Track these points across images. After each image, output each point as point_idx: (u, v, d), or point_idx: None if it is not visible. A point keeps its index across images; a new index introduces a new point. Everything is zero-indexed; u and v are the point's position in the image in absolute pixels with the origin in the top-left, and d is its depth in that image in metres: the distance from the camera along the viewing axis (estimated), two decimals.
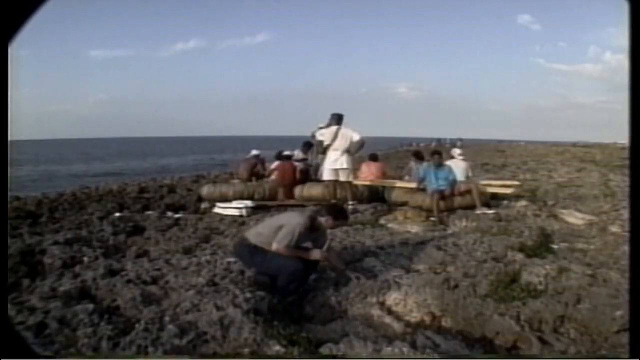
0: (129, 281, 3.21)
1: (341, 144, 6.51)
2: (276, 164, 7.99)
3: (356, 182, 7.56)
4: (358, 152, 6.68)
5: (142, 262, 3.81)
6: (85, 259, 3.97)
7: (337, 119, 6.64)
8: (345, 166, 6.56)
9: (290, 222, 3.05)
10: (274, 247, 3.01)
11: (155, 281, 3.27)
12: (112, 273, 3.47)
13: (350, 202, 6.60)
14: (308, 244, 3.16)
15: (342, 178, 6.69)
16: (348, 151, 6.54)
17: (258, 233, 3.17)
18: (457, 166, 6.92)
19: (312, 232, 3.14)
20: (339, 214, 3.19)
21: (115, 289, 3.07)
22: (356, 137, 6.49)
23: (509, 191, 7.38)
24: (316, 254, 3.11)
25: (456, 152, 7.67)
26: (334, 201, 6.68)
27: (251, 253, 3.13)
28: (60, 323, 2.45)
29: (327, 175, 6.77)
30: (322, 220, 3.16)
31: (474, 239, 4.48)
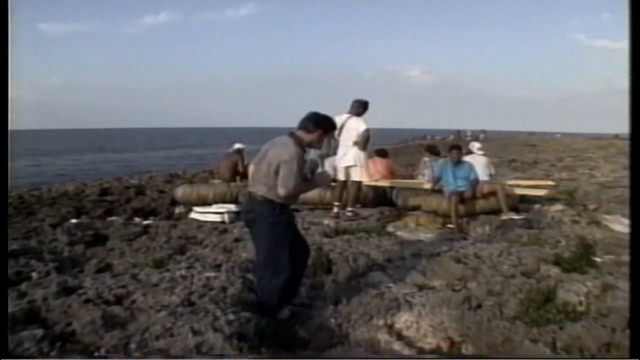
0: (88, 300, 3.19)
1: (348, 135, 6.45)
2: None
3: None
4: (366, 147, 6.55)
5: (104, 278, 3.79)
6: (34, 275, 3.94)
7: (360, 107, 6.50)
8: (351, 162, 6.46)
9: (282, 158, 2.98)
10: (281, 192, 2.98)
11: (119, 300, 3.25)
12: (66, 291, 3.45)
13: (350, 208, 6.57)
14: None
15: (347, 176, 6.58)
16: (357, 144, 6.45)
17: (260, 184, 3.09)
18: (477, 162, 6.94)
19: (302, 154, 3.10)
20: (323, 121, 3.13)
21: (70, 311, 3.04)
22: (362, 127, 6.41)
23: (541, 192, 7.41)
24: (325, 178, 3.20)
25: (475, 145, 7.68)
26: (337, 203, 6.64)
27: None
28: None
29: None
30: (310, 136, 3.09)
31: (500, 250, 4.49)
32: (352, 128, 6.38)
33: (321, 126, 3.09)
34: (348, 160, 6.44)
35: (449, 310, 3.07)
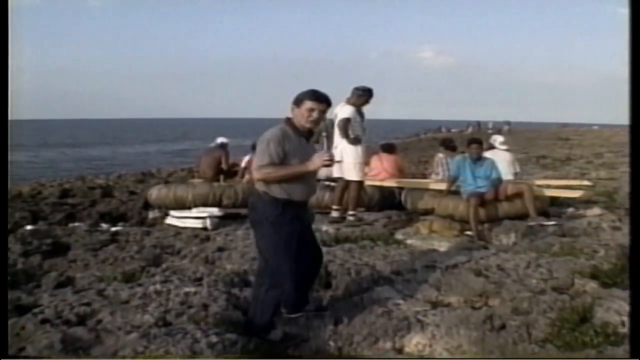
0: (45, 321, 3.19)
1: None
2: (248, 158, 7.99)
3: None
4: (346, 138, 6.49)
5: (65, 294, 3.79)
6: None
7: (364, 96, 6.53)
8: (348, 158, 6.49)
9: (261, 139, 3.10)
10: (255, 175, 3.11)
11: (82, 320, 3.25)
12: (19, 310, 3.45)
13: (351, 212, 6.58)
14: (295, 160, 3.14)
15: (345, 174, 6.62)
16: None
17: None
18: (500, 159, 6.97)
19: (296, 139, 3.13)
20: (307, 91, 3.14)
21: (24, 333, 3.04)
22: (340, 115, 6.50)
23: (575, 194, 7.42)
24: (316, 161, 3.09)
25: (497, 139, 7.69)
26: (336, 207, 6.65)
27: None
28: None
29: (324, 171, 6.75)
30: (297, 113, 3.12)
31: (527, 261, 4.49)
32: (337, 117, 6.50)
33: (303, 96, 3.11)
34: (336, 156, 6.51)
35: (467, 332, 3.07)
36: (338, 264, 4.46)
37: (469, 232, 6.10)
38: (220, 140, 9.12)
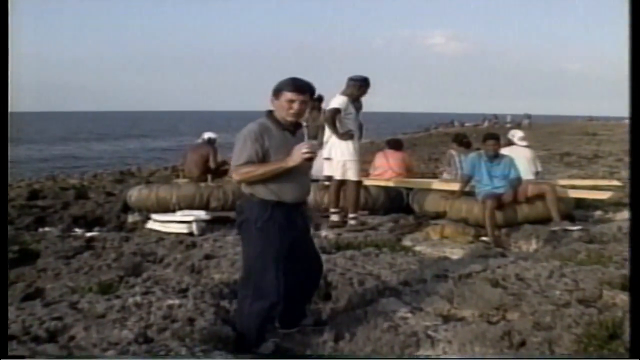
0: (11, 337, 3.17)
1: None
2: None
3: (367, 182, 7.55)
4: (335, 133, 6.48)
5: (33, 307, 3.77)
6: None
7: (362, 87, 6.55)
8: (339, 155, 6.49)
9: (238, 136, 3.14)
10: (234, 177, 3.19)
11: (53, 336, 3.24)
12: None
13: (352, 215, 6.57)
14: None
15: (337, 173, 6.62)
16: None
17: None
18: (519, 156, 6.97)
19: (280, 134, 3.13)
20: (285, 81, 3.12)
21: None
22: (331, 104, 6.51)
23: (603, 196, 7.43)
24: (295, 156, 3.03)
25: (516, 134, 7.69)
26: (333, 209, 6.65)
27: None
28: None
29: (320, 169, 6.75)
30: (277, 104, 3.12)
31: (550, 270, 4.50)
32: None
33: (281, 86, 3.10)
34: (326, 152, 6.58)
35: (483, 349, 3.07)
36: (339, 273, 4.47)
37: (484, 238, 6.11)
38: (207, 135, 9.10)
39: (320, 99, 7.51)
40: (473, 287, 4.12)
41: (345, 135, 6.45)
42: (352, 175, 6.57)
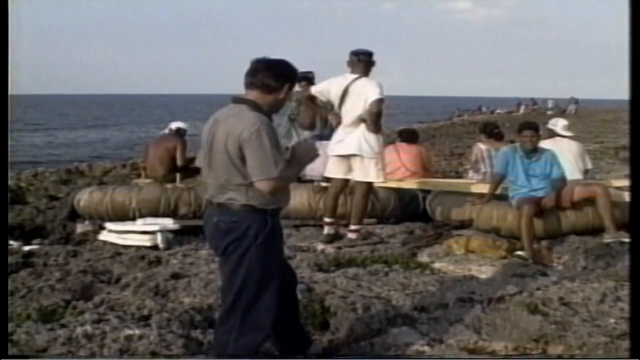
0: None
1: (353, 107, 6.37)
2: None
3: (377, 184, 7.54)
4: (377, 128, 6.46)
5: None
6: None
7: (366, 62, 6.44)
8: (353, 150, 6.40)
9: (242, 136, 2.98)
10: (264, 187, 2.99)
11: None
12: None
13: (354, 227, 6.51)
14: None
15: (347, 173, 6.56)
16: (364, 122, 6.38)
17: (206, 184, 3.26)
18: (563, 151, 6.96)
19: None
20: (285, 68, 3.18)
21: None
22: (372, 96, 6.34)
23: None
24: (309, 150, 3.23)
25: (559, 124, 7.64)
26: (328, 219, 6.62)
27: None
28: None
29: (318, 168, 6.70)
30: (272, 97, 3.15)
31: (602, 293, 4.50)
32: (359, 95, 6.31)
33: (288, 77, 3.14)
34: (348, 147, 6.38)
35: None
36: (339, 296, 4.46)
37: (520, 253, 6.09)
38: (174, 125, 9.08)
39: (308, 78, 7.44)
40: (506, 314, 4.12)
41: (380, 128, 6.44)
42: (374, 175, 6.46)
